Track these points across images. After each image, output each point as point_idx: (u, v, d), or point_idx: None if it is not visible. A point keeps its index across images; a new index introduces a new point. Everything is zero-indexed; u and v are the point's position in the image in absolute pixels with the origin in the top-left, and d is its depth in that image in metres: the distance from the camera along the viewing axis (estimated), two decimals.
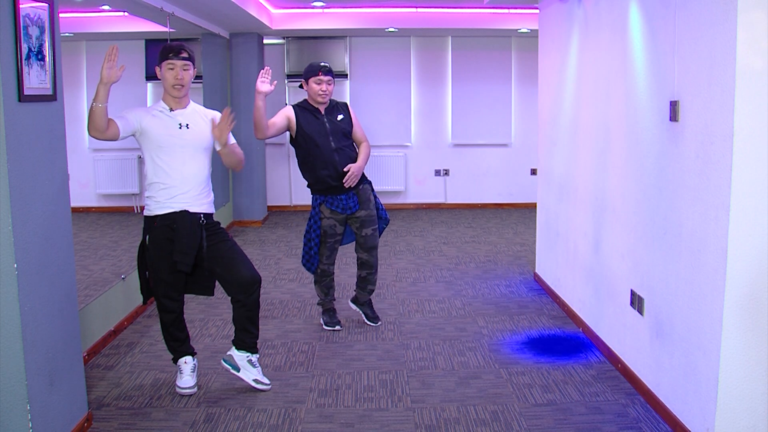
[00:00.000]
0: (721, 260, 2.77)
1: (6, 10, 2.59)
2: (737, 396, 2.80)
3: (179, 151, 3.47)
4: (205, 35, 7.34)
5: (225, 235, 3.63)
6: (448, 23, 8.18)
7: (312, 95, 4.39)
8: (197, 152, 3.51)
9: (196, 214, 3.50)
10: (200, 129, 3.52)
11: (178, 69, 3.44)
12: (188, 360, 3.70)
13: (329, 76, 4.34)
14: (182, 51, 3.44)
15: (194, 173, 3.51)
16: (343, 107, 4.51)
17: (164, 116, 3.49)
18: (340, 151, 4.35)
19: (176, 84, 3.45)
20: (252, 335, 3.64)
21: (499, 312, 4.98)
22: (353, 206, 4.43)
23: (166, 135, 3.46)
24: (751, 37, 2.63)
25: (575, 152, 4.77)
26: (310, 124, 4.38)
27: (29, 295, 2.74)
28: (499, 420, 3.35)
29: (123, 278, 4.71)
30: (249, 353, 3.65)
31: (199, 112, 3.57)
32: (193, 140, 3.49)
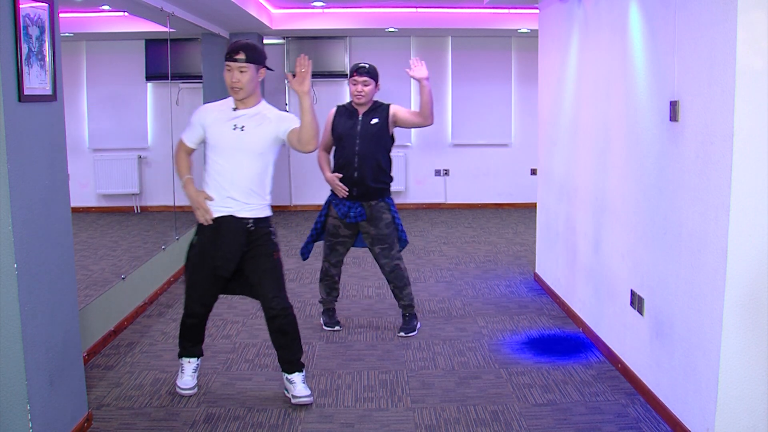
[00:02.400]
0: (721, 260, 2.77)
1: (6, 10, 2.59)
2: (737, 396, 2.80)
3: (230, 153, 3.37)
4: (205, 35, 7.34)
5: (269, 248, 3.46)
6: (448, 23, 8.18)
7: (351, 96, 4.40)
8: (250, 156, 3.37)
9: (243, 219, 3.41)
10: (257, 132, 3.36)
11: (235, 71, 3.31)
12: (192, 360, 3.66)
13: (365, 76, 4.32)
14: (238, 52, 3.30)
15: (245, 177, 3.38)
16: (383, 110, 4.38)
17: (225, 115, 3.40)
18: (363, 156, 4.30)
19: (232, 87, 3.33)
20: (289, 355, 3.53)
21: (499, 312, 4.98)
22: (354, 217, 4.35)
23: (219, 135, 3.40)
24: (751, 37, 2.63)
25: (575, 152, 4.77)
26: (342, 124, 4.39)
27: (29, 295, 2.74)
28: (499, 420, 3.35)
29: (123, 278, 4.71)
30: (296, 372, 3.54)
31: (266, 114, 3.41)
32: (246, 144, 3.35)
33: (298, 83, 3.17)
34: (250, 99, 3.40)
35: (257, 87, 3.41)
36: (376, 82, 4.37)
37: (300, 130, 3.26)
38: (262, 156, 3.40)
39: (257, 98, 3.43)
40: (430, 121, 4.28)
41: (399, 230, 4.50)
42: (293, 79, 3.19)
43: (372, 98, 4.40)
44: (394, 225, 4.44)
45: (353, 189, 4.32)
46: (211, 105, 3.52)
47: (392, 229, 4.42)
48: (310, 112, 3.20)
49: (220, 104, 3.47)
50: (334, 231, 4.44)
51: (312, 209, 9.39)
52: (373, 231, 4.39)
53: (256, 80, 3.37)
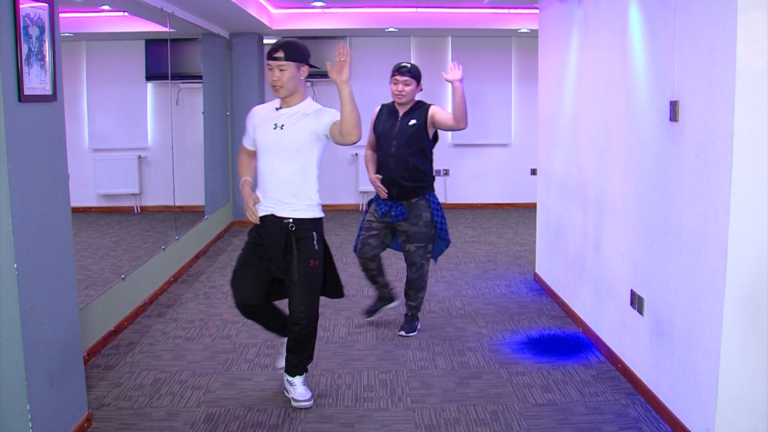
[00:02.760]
0: (721, 260, 2.77)
1: (6, 10, 2.59)
2: (737, 396, 2.80)
3: (271, 152, 3.37)
4: (205, 35, 7.34)
5: (307, 255, 3.36)
6: (448, 23, 8.18)
7: (392, 95, 4.40)
8: (290, 155, 3.34)
9: (283, 219, 3.37)
10: (296, 130, 3.33)
11: (275, 69, 3.30)
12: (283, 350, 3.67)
13: (406, 76, 4.30)
14: (277, 50, 3.30)
15: (284, 176, 3.35)
16: (422, 111, 4.36)
17: (269, 115, 3.41)
18: (399, 158, 4.30)
19: (273, 85, 3.33)
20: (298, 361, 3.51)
21: (499, 312, 4.98)
22: (394, 216, 4.36)
23: (262, 136, 3.39)
24: (751, 37, 2.63)
25: (575, 152, 4.77)
26: (382, 123, 4.41)
27: (29, 295, 2.74)
28: (499, 420, 3.35)
29: (123, 278, 4.71)
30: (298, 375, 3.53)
31: (307, 111, 3.37)
32: (285, 142, 3.33)
33: (336, 72, 3.12)
34: (293, 98, 3.39)
35: (300, 85, 3.38)
36: (418, 82, 4.37)
37: (341, 121, 3.19)
38: (301, 153, 3.35)
39: (301, 96, 3.41)
40: (462, 124, 4.21)
41: (438, 228, 4.45)
42: (332, 68, 3.14)
43: (413, 98, 4.39)
44: (432, 224, 4.42)
45: (392, 189, 4.35)
46: (260, 106, 3.57)
47: (429, 229, 4.40)
48: (350, 102, 3.12)
49: (268, 105, 3.50)
50: (368, 225, 4.47)
51: None
52: (410, 228, 4.38)
53: (298, 78, 3.35)
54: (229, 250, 7.03)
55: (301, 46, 3.38)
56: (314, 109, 3.38)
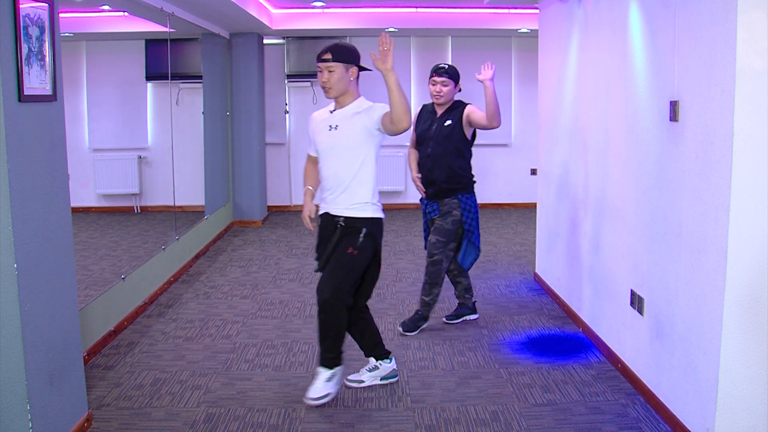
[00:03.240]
0: (721, 260, 2.77)
1: (6, 10, 2.59)
2: (737, 396, 2.80)
3: (327, 153, 3.45)
4: (205, 35, 7.34)
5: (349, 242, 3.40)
6: (448, 23, 8.17)
7: (430, 96, 4.45)
8: (342, 153, 3.41)
9: (335, 217, 3.46)
10: (349, 129, 3.40)
11: (324, 71, 3.37)
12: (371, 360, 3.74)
13: (444, 77, 4.37)
14: (326, 52, 3.36)
15: (337, 175, 3.42)
16: (458, 111, 4.42)
17: (325, 118, 3.51)
18: (435, 158, 4.38)
19: (323, 87, 3.40)
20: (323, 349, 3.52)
21: (499, 312, 4.98)
22: (429, 213, 4.52)
23: (319, 138, 3.49)
24: (751, 37, 2.63)
25: (575, 152, 4.77)
26: (421, 124, 4.49)
27: (29, 295, 2.74)
28: (499, 420, 3.35)
29: (123, 278, 4.71)
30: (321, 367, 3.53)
31: (358, 109, 3.42)
32: (339, 142, 3.41)
33: (381, 62, 3.13)
34: (344, 98, 3.44)
35: (350, 85, 3.43)
36: (456, 83, 4.43)
37: (391, 109, 3.19)
38: (354, 150, 3.40)
39: (353, 96, 3.46)
40: (495, 123, 4.26)
41: (467, 229, 4.48)
42: (376, 58, 3.16)
43: (452, 98, 4.46)
44: (461, 223, 4.46)
45: (428, 188, 4.46)
46: (317, 111, 3.63)
47: (456, 227, 4.46)
48: (396, 90, 3.13)
49: (325, 109, 3.57)
50: (425, 225, 4.64)
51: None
52: (439, 222, 4.48)
53: (347, 79, 3.40)
54: (229, 250, 7.04)
55: (350, 48, 3.43)
56: (366, 107, 3.43)
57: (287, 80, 9.09)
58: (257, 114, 8.31)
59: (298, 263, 6.47)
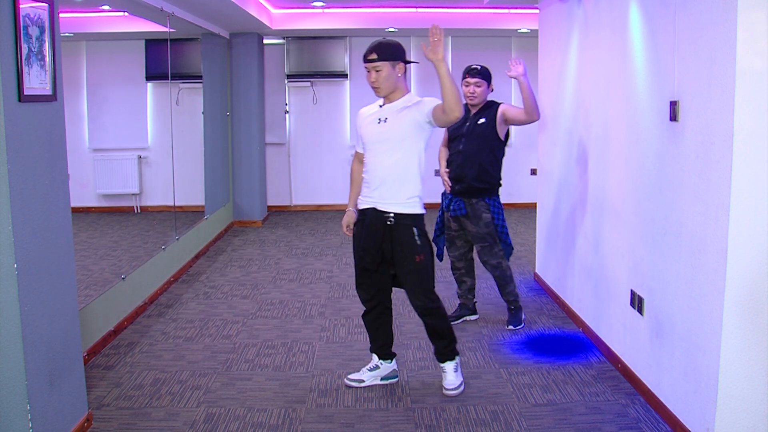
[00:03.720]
0: (721, 260, 2.77)
1: (6, 10, 2.59)
2: (737, 396, 2.80)
3: (374, 146, 3.46)
4: (205, 35, 7.34)
5: (412, 251, 3.45)
6: (448, 23, 8.17)
7: (464, 97, 4.46)
8: (391, 146, 3.42)
9: (383, 213, 3.45)
10: (398, 122, 3.41)
11: (371, 71, 3.39)
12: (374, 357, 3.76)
13: (477, 78, 4.41)
14: (371, 53, 3.38)
15: (385, 168, 3.43)
16: (492, 110, 4.46)
17: (374, 112, 3.52)
18: (467, 155, 4.41)
19: (372, 86, 3.44)
20: (440, 347, 3.65)
21: (498, 312, 4.98)
22: (453, 210, 4.50)
23: (367, 131, 3.50)
24: (751, 37, 2.63)
25: (575, 152, 4.77)
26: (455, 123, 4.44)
27: (29, 295, 2.74)
28: (499, 420, 3.35)
29: (123, 278, 4.71)
30: (447, 361, 3.66)
31: (407, 103, 3.44)
32: (387, 135, 3.42)
33: (432, 52, 3.13)
34: (394, 94, 3.46)
35: (399, 82, 3.44)
36: (489, 83, 4.46)
37: (443, 99, 3.21)
38: (403, 144, 3.41)
39: (402, 92, 3.48)
40: (534, 116, 4.31)
41: (499, 230, 4.52)
42: (427, 48, 3.18)
43: (485, 99, 4.48)
44: (494, 225, 4.50)
45: (455, 185, 4.47)
46: (366, 107, 3.65)
47: (492, 229, 4.49)
48: (448, 79, 3.13)
49: (374, 104, 3.59)
50: (447, 224, 4.62)
51: (312, 209, 9.40)
52: (473, 229, 4.49)
53: (395, 76, 3.41)
54: (229, 250, 7.03)
55: (394, 44, 3.43)
56: (415, 101, 3.45)
57: (287, 80, 9.10)
58: (257, 114, 8.31)
59: (298, 263, 6.47)
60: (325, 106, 9.30)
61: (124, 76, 7.06)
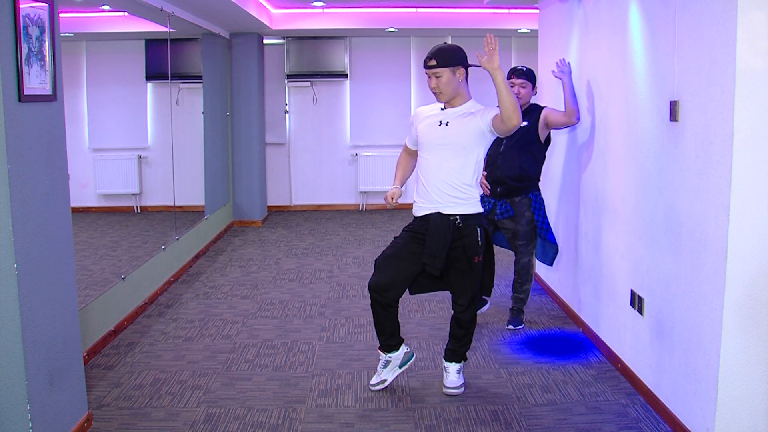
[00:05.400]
0: (721, 260, 2.77)
1: (6, 10, 2.59)
2: (737, 396, 2.80)
3: (435, 148, 3.44)
4: (205, 35, 7.34)
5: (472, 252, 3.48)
6: (448, 23, 8.17)
7: None
8: (453, 150, 3.41)
9: (450, 216, 3.45)
10: (462, 128, 3.40)
11: (432, 78, 3.40)
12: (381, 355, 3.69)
13: (522, 78, 4.38)
14: (430, 59, 3.38)
15: (449, 172, 3.42)
16: (535, 113, 4.43)
17: (435, 113, 3.51)
18: (507, 157, 4.39)
19: (433, 91, 3.43)
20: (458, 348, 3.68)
21: (499, 312, 4.98)
22: (500, 213, 4.48)
23: (426, 132, 3.48)
24: (751, 37, 2.63)
25: (575, 152, 4.77)
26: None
27: (29, 295, 2.74)
28: (499, 420, 3.35)
29: (123, 278, 4.71)
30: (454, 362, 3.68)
31: (472, 110, 3.44)
32: (450, 138, 3.41)
33: (487, 61, 3.19)
34: (456, 99, 3.45)
35: (461, 87, 3.43)
36: (534, 84, 4.43)
37: (500, 107, 3.25)
38: (466, 150, 3.42)
39: (464, 98, 3.47)
40: (573, 119, 4.33)
41: (539, 228, 4.52)
42: (482, 58, 3.22)
43: (529, 100, 4.46)
44: (533, 222, 4.51)
45: (497, 188, 4.44)
46: (425, 106, 3.64)
47: (531, 227, 4.50)
48: (505, 88, 3.19)
49: (433, 105, 3.58)
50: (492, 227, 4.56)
51: (312, 209, 9.40)
52: (515, 227, 4.49)
53: (456, 81, 3.40)
54: (229, 250, 7.04)
55: (454, 49, 3.42)
56: (478, 109, 3.45)
57: (287, 80, 9.09)
58: (257, 114, 8.31)
59: (298, 263, 6.47)
60: (325, 106, 9.30)
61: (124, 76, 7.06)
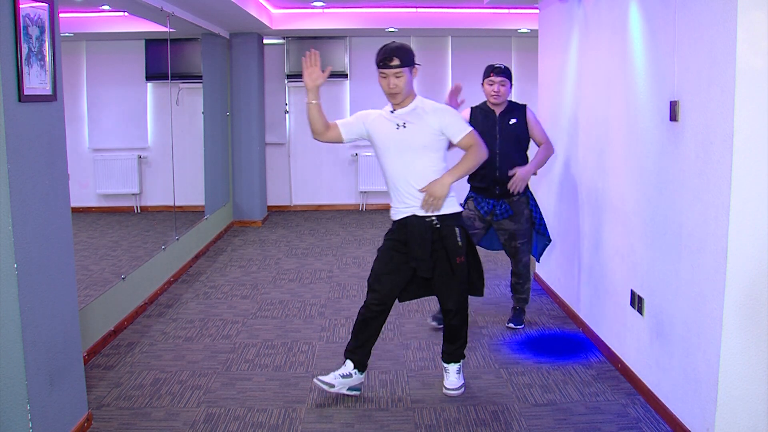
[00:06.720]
0: (721, 260, 2.77)
1: (6, 10, 2.59)
2: (737, 396, 2.80)
3: (399, 152, 3.38)
4: (205, 35, 7.34)
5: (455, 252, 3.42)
6: (448, 23, 8.18)
7: (486, 96, 4.42)
8: (418, 152, 3.36)
9: (426, 218, 3.40)
10: (419, 127, 3.36)
11: (390, 77, 3.31)
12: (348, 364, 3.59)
13: (502, 76, 4.35)
14: (392, 58, 3.29)
15: (417, 174, 3.37)
16: (519, 110, 4.45)
17: (386, 118, 3.42)
18: (504, 156, 4.37)
19: (390, 93, 3.35)
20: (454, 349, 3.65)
21: (499, 312, 4.98)
22: (500, 214, 4.43)
23: (385, 137, 3.40)
24: (751, 37, 2.63)
25: (575, 152, 4.77)
26: (480, 123, 4.38)
27: (29, 295, 2.74)
28: (499, 420, 3.35)
29: (123, 278, 4.71)
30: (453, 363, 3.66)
31: (424, 107, 3.40)
32: (410, 139, 3.35)
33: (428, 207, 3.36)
34: (406, 99, 3.41)
35: (412, 86, 3.40)
36: (511, 83, 4.41)
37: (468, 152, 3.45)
38: (428, 149, 3.38)
39: (413, 96, 3.43)
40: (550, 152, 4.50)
41: (537, 224, 4.53)
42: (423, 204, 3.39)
43: (507, 98, 4.45)
44: (531, 220, 4.51)
45: (496, 188, 4.40)
46: (368, 112, 3.55)
47: (531, 224, 4.51)
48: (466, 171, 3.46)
49: (377, 111, 3.50)
50: (470, 223, 4.47)
51: (312, 209, 9.40)
52: (514, 226, 4.46)
53: (411, 80, 3.37)
54: (229, 250, 7.03)
55: (409, 48, 3.39)
56: (432, 108, 3.41)
57: (287, 80, 9.10)
58: (257, 114, 8.31)
59: (298, 263, 6.47)
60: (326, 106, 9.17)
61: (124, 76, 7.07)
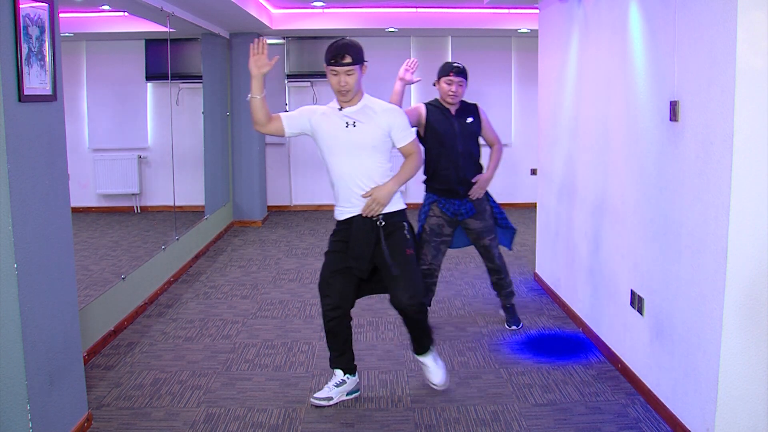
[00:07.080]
0: (721, 260, 2.77)
1: (6, 10, 2.59)
2: (737, 396, 2.80)
3: (347, 151, 3.32)
4: (205, 35, 7.34)
5: (402, 245, 3.38)
6: (448, 23, 8.18)
7: (442, 95, 4.35)
8: (366, 151, 3.32)
9: (371, 217, 3.36)
10: (369, 127, 3.32)
11: (341, 75, 3.25)
12: (338, 372, 3.56)
13: (461, 77, 4.30)
14: (344, 56, 3.23)
15: (365, 173, 3.33)
16: (473, 109, 4.44)
17: (333, 115, 3.36)
18: (466, 155, 4.35)
19: (341, 90, 3.29)
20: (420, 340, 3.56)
21: (498, 312, 4.98)
22: (465, 213, 4.42)
23: (333, 135, 3.34)
24: (751, 37, 2.63)
25: (575, 152, 4.77)
26: (440, 123, 4.33)
27: (29, 295, 2.74)
28: (499, 420, 3.35)
29: (123, 278, 4.71)
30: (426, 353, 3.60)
31: (373, 107, 3.36)
32: (360, 139, 3.30)
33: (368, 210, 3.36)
34: (355, 97, 3.36)
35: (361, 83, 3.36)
36: (467, 83, 4.39)
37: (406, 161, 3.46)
38: (376, 149, 3.34)
39: (360, 94, 3.39)
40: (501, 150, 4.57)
41: (499, 218, 4.56)
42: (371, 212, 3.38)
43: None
44: (493, 215, 4.54)
45: (460, 188, 4.37)
46: (312, 108, 3.49)
47: (494, 218, 4.53)
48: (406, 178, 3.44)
49: (321, 108, 3.45)
50: (438, 230, 4.42)
51: (312, 209, 9.40)
52: (480, 225, 4.46)
53: (361, 78, 3.33)
54: (229, 250, 7.04)
55: (360, 46, 3.34)
56: (381, 108, 3.37)
57: (287, 80, 9.09)
58: None
59: (298, 263, 6.47)
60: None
61: (124, 76, 7.07)
